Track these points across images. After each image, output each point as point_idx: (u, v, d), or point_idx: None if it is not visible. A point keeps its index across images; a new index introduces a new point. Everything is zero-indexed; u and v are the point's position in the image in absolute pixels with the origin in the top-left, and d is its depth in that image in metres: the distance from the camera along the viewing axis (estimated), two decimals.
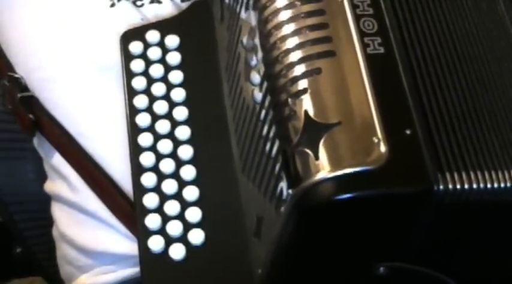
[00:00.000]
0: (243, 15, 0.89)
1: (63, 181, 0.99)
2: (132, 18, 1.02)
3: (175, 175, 0.93)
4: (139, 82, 0.97)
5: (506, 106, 0.82)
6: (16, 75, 1.02)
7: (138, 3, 1.04)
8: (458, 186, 0.75)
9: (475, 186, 0.76)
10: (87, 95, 1.00)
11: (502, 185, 0.77)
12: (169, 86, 0.97)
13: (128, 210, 0.95)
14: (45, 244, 1.05)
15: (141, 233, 0.91)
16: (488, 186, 0.77)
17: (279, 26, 0.81)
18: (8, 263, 1.17)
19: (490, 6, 0.89)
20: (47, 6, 1.03)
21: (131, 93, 0.97)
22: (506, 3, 0.89)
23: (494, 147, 0.79)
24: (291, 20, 0.80)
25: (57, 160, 1.00)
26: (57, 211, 1.01)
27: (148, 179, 0.93)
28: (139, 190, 0.92)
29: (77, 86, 1.00)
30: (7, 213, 1.13)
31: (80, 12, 1.02)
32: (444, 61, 0.82)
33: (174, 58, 0.98)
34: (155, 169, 0.93)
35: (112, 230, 0.96)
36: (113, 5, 1.02)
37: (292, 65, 0.79)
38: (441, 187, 0.75)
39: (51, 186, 1.02)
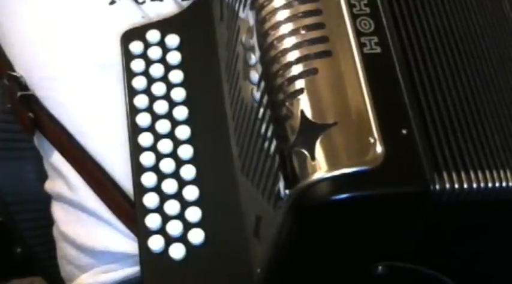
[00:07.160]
0: (241, 14, 0.88)
1: (63, 180, 0.99)
2: (133, 16, 1.02)
3: (175, 174, 0.93)
4: (139, 82, 0.97)
5: (510, 105, 0.81)
6: (16, 74, 1.01)
7: (140, 0, 1.04)
8: (456, 186, 0.75)
9: (474, 185, 0.76)
10: (87, 93, 1.00)
11: (504, 184, 0.76)
12: (170, 86, 0.97)
13: (127, 208, 0.95)
14: (45, 244, 1.05)
15: (141, 233, 0.91)
16: (489, 185, 0.76)
17: (276, 25, 0.81)
18: (8, 263, 1.17)
19: (494, 4, 0.88)
20: (46, 4, 1.03)
21: (131, 92, 0.97)
22: None
23: (496, 145, 0.78)
24: (288, 19, 0.80)
25: (57, 159, 1.00)
26: (57, 211, 1.01)
27: (149, 179, 0.93)
28: (140, 189, 0.92)
29: (78, 84, 1.00)
30: (7, 212, 1.13)
31: (80, 10, 1.02)
32: (445, 59, 0.82)
33: (174, 57, 0.98)
34: (155, 169, 0.93)
35: (112, 229, 0.96)
36: (112, 3, 1.02)
37: (289, 64, 0.79)
38: (437, 187, 0.74)
39: (51, 185, 1.02)
